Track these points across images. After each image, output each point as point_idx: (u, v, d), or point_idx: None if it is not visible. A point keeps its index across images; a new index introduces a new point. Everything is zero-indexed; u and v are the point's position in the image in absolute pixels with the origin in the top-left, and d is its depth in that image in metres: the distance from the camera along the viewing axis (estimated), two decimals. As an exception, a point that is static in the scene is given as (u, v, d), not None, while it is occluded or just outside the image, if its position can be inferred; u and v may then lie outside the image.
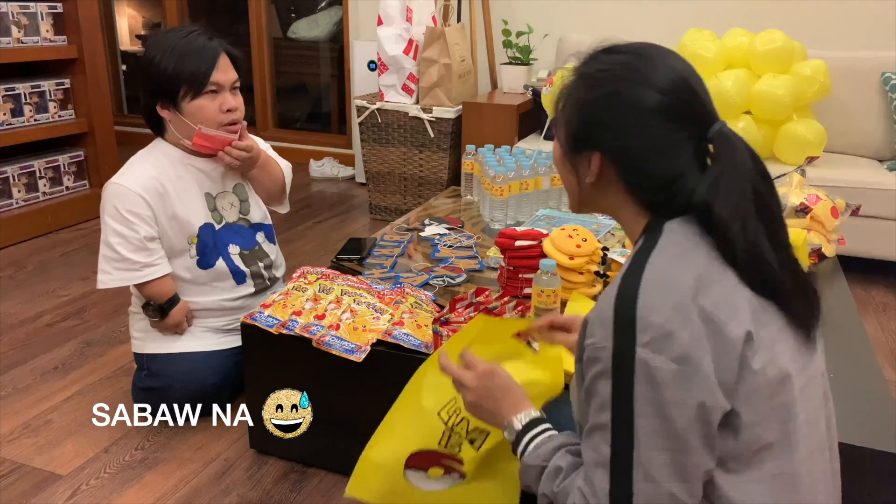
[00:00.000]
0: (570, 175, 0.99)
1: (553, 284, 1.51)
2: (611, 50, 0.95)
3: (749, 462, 0.85)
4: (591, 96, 0.93)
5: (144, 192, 1.78)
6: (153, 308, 1.84)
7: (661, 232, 0.90)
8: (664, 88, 0.89)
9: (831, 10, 3.36)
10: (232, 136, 1.83)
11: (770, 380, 0.85)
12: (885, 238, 2.78)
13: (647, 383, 0.82)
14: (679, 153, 0.90)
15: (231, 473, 1.73)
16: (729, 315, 0.83)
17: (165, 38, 1.80)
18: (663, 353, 0.81)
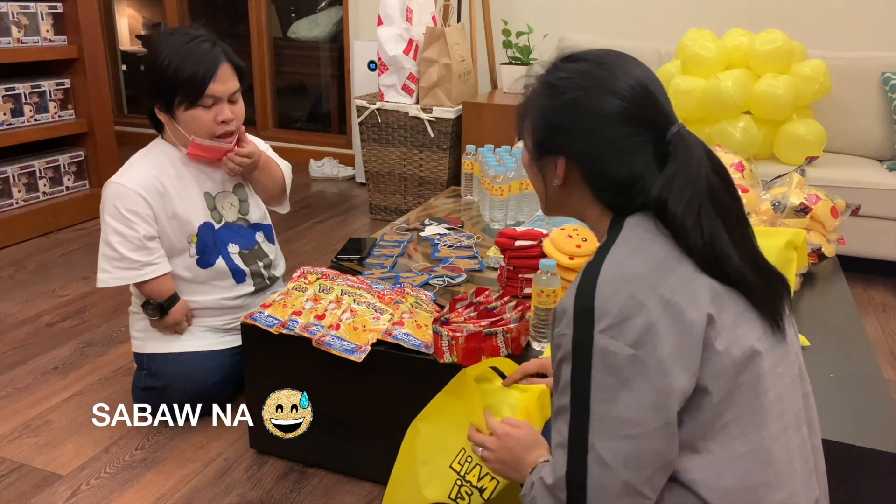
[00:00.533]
0: (537, 179, 1.05)
1: (553, 284, 1.51)
2: (572, 58, 0.99)
3: (718, 440, 0.87)
4: (554, 104, 0.97)
5: (144, 191, 1.78)
6: (153, 307, 1.84)
7: (622, 227, 0.94)
8: (623, 95, 0.93)
9: (831, 10, 3.37)
10: (226, 145, 1.83)
11: (735, 359, 0.87)
12: (885, 238, 2.78)
13: (603, 368, 0.85)
14: (638, 156, 0.94)
15: (231, 473, 1.73)
16: (688, 300, 0.86)
17: (168, 41, 1.77)
18: (619, 338, 0.84)
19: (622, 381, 0.84)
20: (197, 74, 1.73)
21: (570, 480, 0.87)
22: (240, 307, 1.94)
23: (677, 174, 0.91)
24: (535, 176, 1.05)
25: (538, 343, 1.54)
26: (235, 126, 1.83)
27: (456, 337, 1.46)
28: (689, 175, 0.91)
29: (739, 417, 0.87)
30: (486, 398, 1.25)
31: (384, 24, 3.36)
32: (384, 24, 3.36)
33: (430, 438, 1.27)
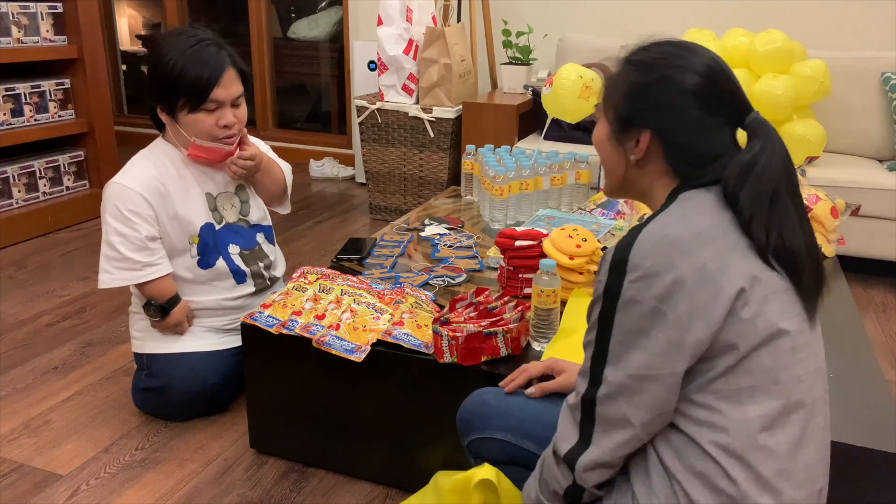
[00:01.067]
0: (614, 154, 1.07)
1: (553, 284, 1.51)
2: (658, 42, 1.05)
3: (731, 402, 0.91)
4: (644, 80, 1.02)
5: (146, 191, 1.78)
6: (154, 308, 1.84)
7: (675, 199, 0.99)
8: (706, 74, 0.99)
9: (831, 10, 3.37)
10: (227, 147, 1.83)
11: (759, 331, 0.90)
12: (885, 238, 2.78)
13: (626, 313, 0.92)
14: (719, 134, 1.00)
15: (231, 473, 1.73)
16: (720, 270, 0.90)
17: (174, 42, 1.76)
18: (646, 291, 0.90)
19: (641, 329, 0.91)
20: (201, 79, 1.72)
21: (584, 402, 0.96)
22: (240, 308, 1.94)
23: (759, 159, 0.96)
24: (611, 150, 1.07)
25: (538, 343, 1.54)
26: (237, 129, 1.83)
27: (456, 337, 1.46)
28: (770, 160, 0.96)
29: (755, 385, 0.91)
30: None
31: (384, 24, 3.36)
32: (384, 24, 3.36)
33: None
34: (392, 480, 1.69)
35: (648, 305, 0.90)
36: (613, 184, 1.11)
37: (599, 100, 1.10)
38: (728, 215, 0.95)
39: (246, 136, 1.89)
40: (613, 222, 2.11)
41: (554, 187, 2.42)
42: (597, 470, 0.96)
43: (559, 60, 3.56)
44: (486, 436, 1.25)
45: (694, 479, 0.91)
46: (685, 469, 0.92)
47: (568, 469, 0.98)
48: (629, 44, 1.07)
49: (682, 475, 0.92)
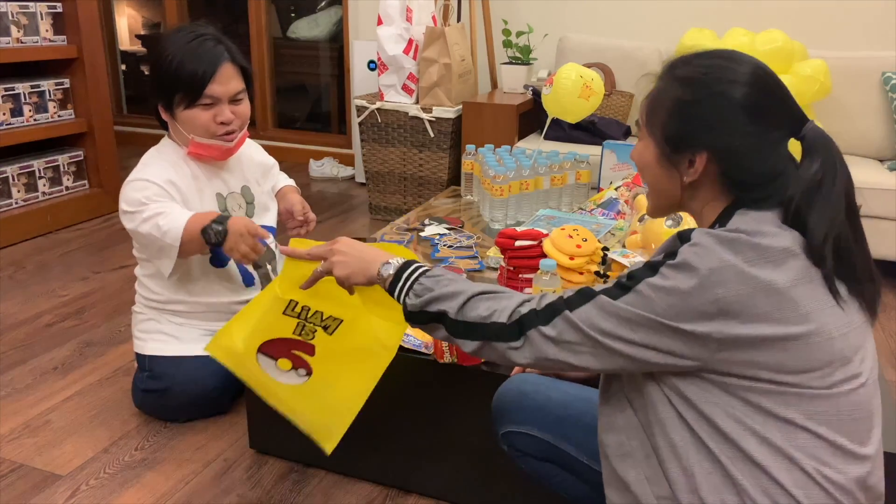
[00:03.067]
0: (665, 176, 1.02)
1: (553, 284, 1.50)
2: (703, 54, 1.00)
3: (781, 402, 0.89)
4: (695, 97, 0.97)
5: (164, 183, 1.77)
6: (212, 230, 1.64)
7: (733, 216, 0.96)
8: (761, 86, 0.95)
9: (831, 10, 3.36)
10: (227, 144, 1.82)
11: (801, 334, 0.87)
12: (885, 238, 2.78)
13: (676, 268, 0.89)
14: (778, 150, 0.96)
15: (231, 473, 1.73)
16: (772, 267, 0.88)
17: (174, 38, 1.76)
18: (704, 258, 0.88)
19: (638, 291, 0.90)
20: (196, 73, 1.71)
21: (559, 305, 0.95)
22: None
23: (825, 178, 0.92)
24: (662, 173, 1.02)
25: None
26: (237, 126, 1.82)
27: (456, 337, 1.46)
28: (836, 179, 0.93)
29: (804, 383, 0.89)
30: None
31: (384, 24, 3.36)
32: (384, 24, 3.36)
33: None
34: (392, 480, 1.68)
35: (680, 276, 0.88)
36: (663, 205, 1.06)
37: (640, 115, 1.05)
38: (791, 235, 0.91)
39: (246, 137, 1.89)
40: (613, 222, 2.11)
41: (554, 187, 2.42)
42: (551, 344, 0.94)
43: (559, 60, 3.56)
44: (523, 430, 1.23)
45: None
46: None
47: (526, 316, 0.97)
48: (668, 56, 1.03)
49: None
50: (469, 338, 1.01)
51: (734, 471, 0.89)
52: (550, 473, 1.22)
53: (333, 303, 1.27)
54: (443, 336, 1.05)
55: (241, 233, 1.66)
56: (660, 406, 0.94)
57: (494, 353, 1.00)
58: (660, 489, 0.95)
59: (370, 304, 1.22)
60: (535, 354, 0.96)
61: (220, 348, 1.37)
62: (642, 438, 0.97)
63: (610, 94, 3.39)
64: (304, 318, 1.29)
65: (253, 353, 1.35)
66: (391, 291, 1.10)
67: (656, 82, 1.03)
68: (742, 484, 0.89)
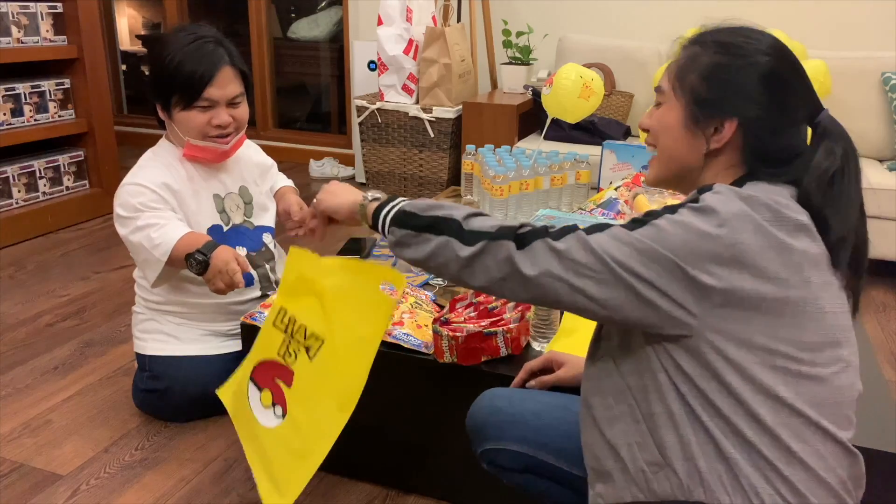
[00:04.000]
0: (686, 140, 0.99)
1: (553, 284, 1.50)
2: (742, 28, 1.01)
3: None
4: (737, 64, 0.96)
5: (160, 189, 1.77)
6: (195, 259, 1.66)
7: (745, 185, 0.95)
8: (791, 68, 0.96)
9: (831, 10, 3.37)
10: (222, 147, 1.82)
11: (799, 299, 0.88)
12: (885, 238, 2.78)
13: (696, 211, 0.89)
14: (802, 132, 0.97)
15: (231, 473, 1.73)
16: (790, 235, 0.89)
17: (175, 39, 1.75)
18: (728, 205, 0.88)
19: (655, 225, 0.89)
20: (195, 75, 1.70)
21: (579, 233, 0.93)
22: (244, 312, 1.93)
23: (842, 169, 0.93)
24: (684, 137, 0.99)
25: (538, 343, 1.54)
26: (233, 129, 1.81)
27: (456, 337, 1.46)
28: (852, 171, 0.94)
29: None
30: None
31: (384, 24, 3.37)
32: (384, 24, 3.37)
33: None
34: (392, 480, 1.68)
35: (700, 215, 0.88)
36: (670, 173, 1.03)
37: (664, 80, 1.02)
38: (806, 214, 0.92)
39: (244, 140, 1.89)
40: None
41: (554, 187, 2.42)
42: (556, 258, 0.91)
43: (559, 60, 3.56)
44: (500, 446, 1.20)
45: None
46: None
47: (536, 229, 0.94)
48: (706, 24, 1.03)
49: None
50: (471, 242, 0.95)
51: (726, 444, 0.89)
52: (534, 484, 1.20)
53: (316, 316, 1.28)
54: (431, 248, 0.99)
55: (220, 269, 1.64)
56: (658, 373, 0.92)
57: (498, 252, 0.93)
58: (649, 455, 0.94)
59: (345, 314, 1.24)
60: (537, 264, 0.91)
61: (227, 392, 1.46)
62: (631, 403, 0.96)
63: (610, 94, 3.39)
64: (289, 332, 1.30)
65: (246, 380, 1.40)
66: (377, 211, 1.12)
67: (687, 47, 1.02)
68: (734, 457, 0.89)
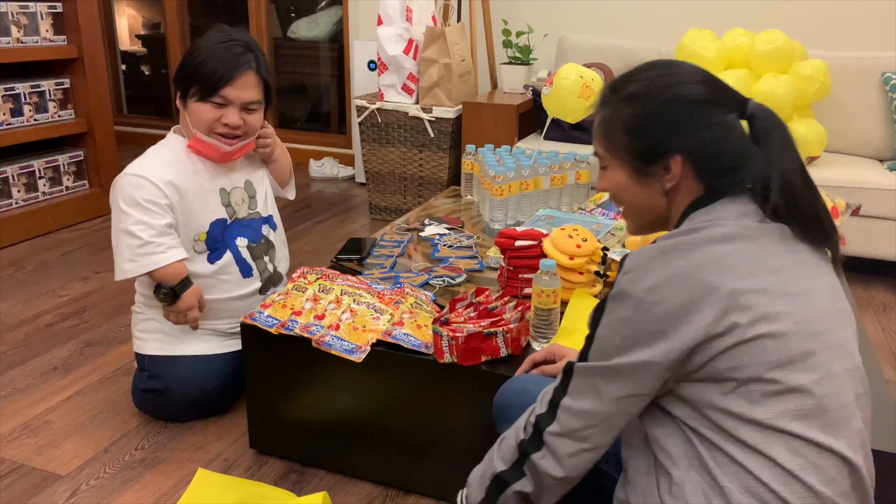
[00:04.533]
0: (644, 191, 1.05)
1: (553, 284, 1.51)
2: (638, 70, 1.05)
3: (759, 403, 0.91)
4: (651, 108, 1.01)
5: (163, 183, 1.77)
6: (165, 291, 1.75)
7: (687, 218, 1.01)
8: (702, 81, 1.01)
9: (831, 10, 3.37)
10: (226, 147, 1.83)
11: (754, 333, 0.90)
12: (885, 238, 2.78)
13: (616, 300, 0.96)
14: (738, 132, 1.00)
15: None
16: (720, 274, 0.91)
17: (208, 36, 1.82)
18: (637, 283, 0.93)
19: (622, 316, 0.94)
20: (217, 72, 1.75)
21: (566, 368, 1.01)
22: (246, 309, 1.93)
23: (784, 144, 0.97)
24: (639, 190, 1.05)
25: (538, 343, 1.54)
26: (242, 132, 1.84)
27: (456, 337, 1.46)
28: (790, 143, 0.98)
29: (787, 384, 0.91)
30: None
31: (384, 24, 3.36)
32: (384, 24, 3.36)
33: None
34: (392, 480, 1.68)
35: (636, 297, 0.92)
36: (647, 221, 1.09)
37: (596, 146, 1.08)
38: (755, 229, 0.96)
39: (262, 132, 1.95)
40: (613, 222, 2.11)
41: (554, 187, 2.42)
42: (563, 438, 0.98)
43: (559, 60, 3.56)
44: None
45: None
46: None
47: (536, 423, 1.02)
48: (607, 82, 1.08)
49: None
50: (520, 476, 1.05)
51: (720, 475, 0.91)
52: None
53: None
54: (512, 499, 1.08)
55: (180, 310, 1.78)
56: (657, 424, 0.98)
57: (537, 472, 1.02)
58: (650, 498, 0.98)
59: None
60: (559, 460, 0.99)
61: None
62: (645, 452, 1.01)
63: (610, 94, 3.39)
64: None
65: None
66: None
67: (600, 110, 1.07)
68: (729, 489, 0.90)
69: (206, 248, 1.87)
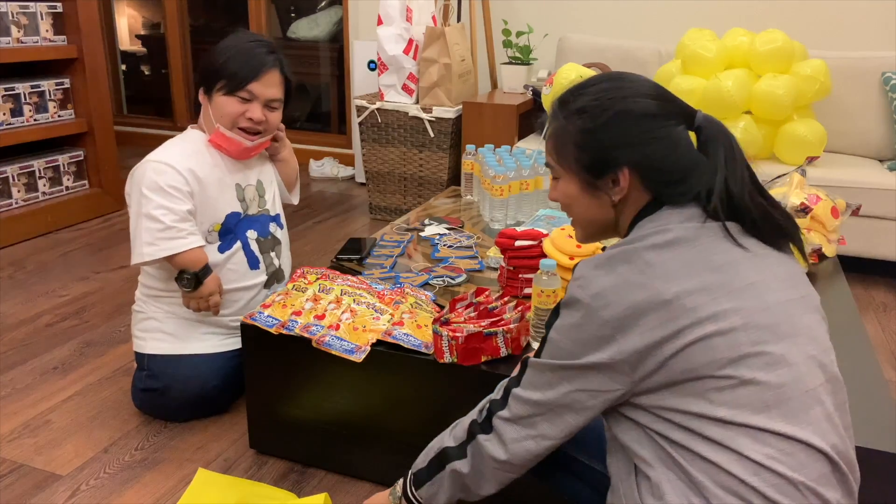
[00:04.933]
0: (594, 203, 1.07)
1: (553, 284, 1.50)
2: (588, 83, 1.06)
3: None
4: (599, 122, 1.02)
5: (185, 170, 1.79)
6: (188, 277, 1.77)
7: (635, 226, 1.04)
8: (650, 94, 1.02)
9: (831, 10, 3.37)
10: (247, 143, 1.86)
11: (701, 334, 0.91)
12: (885, 238, 2.78)
13: (566, 305, 0.99)
14: (686, 144, 1.03)
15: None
16: (664, 278, 0.93)
17: (235, 37, 1.86)
18: (585, 289, 0.96)
19: (570, 321, 0.98)
20: (245, 68, 1.80)
21: (523, 362, 1.07)
22: (249, 302, 1.94)
23: (732, 154, 1.01)
24: (589, 202, 1.07)
25: (538, 343, 1.54)
26: (263, 129, 1.87)
27: (456, 337, 1.46)
28: (736, 154, 1.01)
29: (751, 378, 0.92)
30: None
31: (384, 24, 3.36)
32: (384, 24, 3.36)
33: None
34: (392, 480, 1.68)
35: (584, 302, 0.95)
36: (594, 232, 1.12)
37: (548, 157, 1.10)
38: (698, 229, 0.98)
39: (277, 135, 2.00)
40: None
41: (554, 187, 2.42)
42: (510, 424, 1.04)
43: (559, 60, 3.56)
44: None
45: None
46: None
47: (489, 408, 1.08)
48: (556, 96, 1.09)
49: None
50: (462, 455, 1.11)
51: (693, 472, 0.92)
52: (553, 476, 1.22)
53: None
54: (448, 484, 1.14)
55: (202, 295, 1.82)
56: (626, 432, 1.00)
57: (479, 451, 1.08)
58: (630, 500, 0.99)
59: None
60: (503, 442, 1.05)
61: None
62: (627, 459, 1.02)
63: (610, 94, 3.39)
64: None
65: None
66: (405, 495, 1.22)
67: (551, 122, 1.09)
68: (703, 483, 0.91)
69: (218, 239, 1.88)
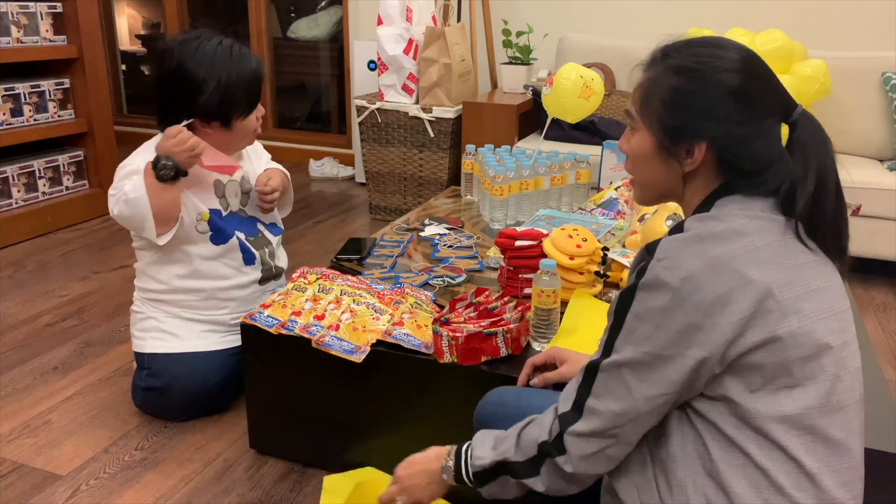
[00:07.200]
0: (661, 167, 1.01)
1: (553, 284, 1.51)
2: (696, 42, 0.99)
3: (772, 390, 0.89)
4: (693, 87, 0.95)
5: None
6: (164, 162, 1.71)
7: (714, 205, 0.97)
8: (755, 74, 0.95)
9: (831, 10, 3.37)
10: (235, 163, 1.89)
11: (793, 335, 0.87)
12: (885, 238, 2.78)
13: (648, 288, 0.90)
14: (775, 137, 0.96)
15: (231, 473, 1.73)
16: (752, 266, 0.88)
17: (212, 58, 1.75)
18: (673, 271, 0.88)
19: (656, 305, 0.89)
20: (253, 79, 1.81)
21: (589, 367, 0.96)
22: (247, 299, 1.94)
23: (825, 162, 0.94)
24: (658, 164, 1.01)
25: (538, 343, 1.54)
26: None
27: (456, 337, 1.46)
28: (827, 160, 0.95)
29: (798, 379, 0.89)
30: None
31: (384, 24, 3.36)
32: (384, 24, 3.36)
33: None
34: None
35: (672, 286, 0.88)
36: (653, 196, 1.06)
37: (631, 105, 1.03)
38: (778, 223, 0.93)
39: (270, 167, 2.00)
40: (613, 222, 2.10)
41: (554, 187, 2.42)
42: (586, 439, 0.95)
43: (559, 60, 3.56)
44: None
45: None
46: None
47: (559, 424, 0.98)
48: (659, 43, 1.01)
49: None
50: (533, 473, 1.02)
51: (728, 477, 0.89)
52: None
53: None
54: (514, 487, 1.06)
55: (175, 145, 1.71)
56: (674, 418, 0.94)
57: (557, 476, 1.00)
58: (649, 497, 0.95)
59: None
60: (583, 458, 0.96)
61: None
62: (641, 448, 0.97)
63: (610, 94, 3.39)
64: None
65: None
66: (458, 472, 1.13)
67: (647, 70, 1.01)
68: (736, 491, 0.89)
69: (209, 229, 1.87)
